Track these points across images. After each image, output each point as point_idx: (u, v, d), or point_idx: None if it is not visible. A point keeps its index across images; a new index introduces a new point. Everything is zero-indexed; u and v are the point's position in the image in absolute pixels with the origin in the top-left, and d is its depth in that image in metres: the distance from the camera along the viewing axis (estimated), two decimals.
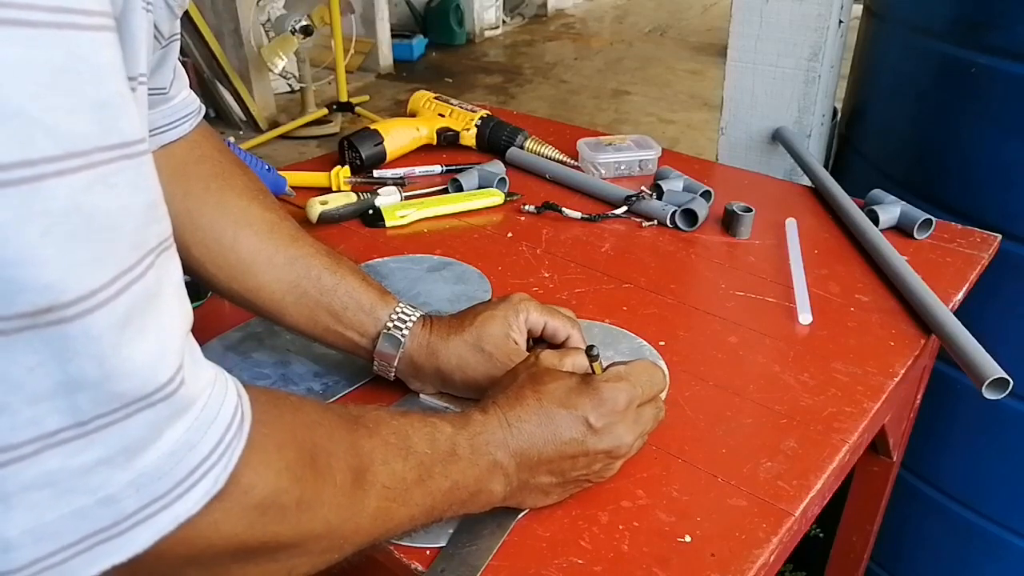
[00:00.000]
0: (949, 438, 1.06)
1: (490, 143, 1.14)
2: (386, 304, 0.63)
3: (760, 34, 1.21)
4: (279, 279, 0.62)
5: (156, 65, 0.57)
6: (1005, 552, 1.06)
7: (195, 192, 0.62)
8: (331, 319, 0.62)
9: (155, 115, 0.59)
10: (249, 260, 0.62)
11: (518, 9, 6.39)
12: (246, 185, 0.64)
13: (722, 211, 0.94)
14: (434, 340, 0.62)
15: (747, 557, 0.50)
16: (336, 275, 0.63)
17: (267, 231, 0.63)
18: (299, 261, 0.63)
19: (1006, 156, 0.90)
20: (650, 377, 0.56)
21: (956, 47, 0.93)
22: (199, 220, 0.61)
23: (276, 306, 0.63)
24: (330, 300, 0.62)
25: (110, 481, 0.31)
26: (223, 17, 3.83)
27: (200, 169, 0.63)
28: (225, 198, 0.63)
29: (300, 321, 0.63)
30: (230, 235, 0.62)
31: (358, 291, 0.63)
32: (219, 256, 0.62)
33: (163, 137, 0.61)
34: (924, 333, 0.74)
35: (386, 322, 0.62)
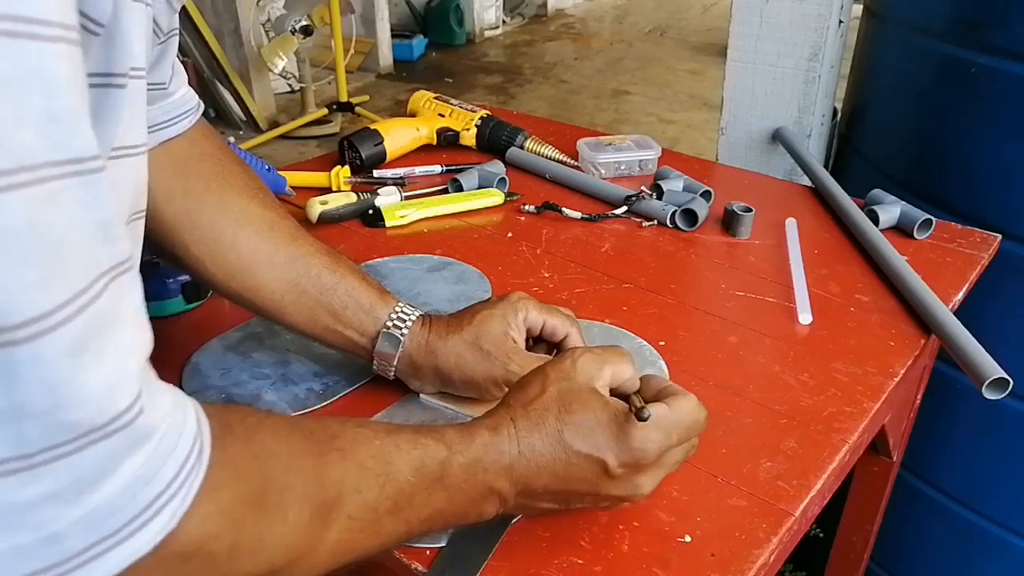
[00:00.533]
0: (949, 438, 1.06)
1: (490, 143, 1.14)
2: (386, 303, 0.63)
3: (760, 34, 1.21)
4: (279, 278, 0.62)
5: (155, 60, 0.56)
6: (1005, 552, 1.06)
7: (195, 190, 0.62)
8: (331, 318, 0.62)
9: (154, 111, 0.59)
10: (249, 259, 0.62)
11: (518, 9, 6.39)
12: (246, 183, 0.64)
13: (722, 211, 0.94)
14: (433, 339, 0.61)
15: (747, 557, 0.50)
16: (336, 274, 0.63)
17: (267, 230, 0.63)
18: (299, 260, 0.62)
19: (1006, 156, 0.90)
20: (692, 422, 0.50)
21: (956, 47, 0.93)
22: (199, 219, 0.61)
23: (276, 305, 0.63)
24: (330, 299, 0.62)
25: (57, 518, 0.29)
26: (223, 17, 3.82)
27: (200, 167, 0.63)
28: (225, 196, 0.63)
29: (300, 320, 0.63)
30: (230, 234, 0.62)
31: (358, 290, 0.63)
32: (219, 255, 0.62)
33: (163, 133, 0.61)
34: (924, 333, 0.74)
35: (385, 321, 0.62)
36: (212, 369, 0.69)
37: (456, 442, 0.47)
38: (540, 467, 0.47)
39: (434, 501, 0.45)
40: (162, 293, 0.75)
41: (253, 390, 0.66)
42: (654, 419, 0.48)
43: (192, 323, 0.76)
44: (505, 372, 0.60)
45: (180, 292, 0.76)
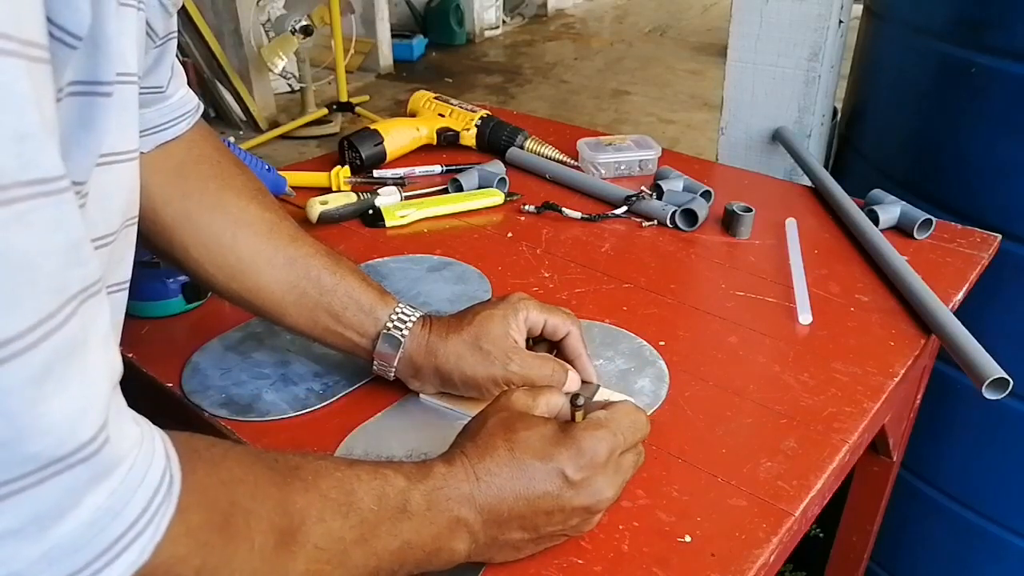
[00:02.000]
0: (949, 438, 1.06)
1: (490, 143, 1.14)
2: (386, 304, 0.63)
3: (760, 34, 1.21)
4: (279, 279, 0.62)
5: (152, 64, 0.56)
6: (1005, 552, 1.06)
7: (193, 193, 0.62)
8: (331, 319, 0.62)
9: (152, 113, 0.59)
10: (248, 260, 0.62)
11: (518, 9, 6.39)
12: (244, 185, 0.64)
13: (722, 211, 0.94)
14: (433, 339, 0.61)
15: (747, 557, 0.50)
16: (336, 275, 0.63)
17: (266, 231, 0.63)
18: (299, 261, 0.62)
19: (1006, 156, 0.90)
20: (632, 423, 0.51)
21: (956, 47, 0.93)
22: (197, 220, 0.61)
23: (276, 306, 0.63)
24: (330, 300, 0.62)
25: (17, 556, 0.27)
26: (223, 17, 3.83)
27: (198, 169, 0.63)
28: (224, 198, 0.62)
29: (300, 321, 0.63)
30: (229, 235, 0.62)
31: (358, 291, 0.63)
32: (218, 256, 0.62)
33: (159, 136, 0.60)
34: (924, 333, 0.74)
35: (385, 322, 0.62)
36: (212, 369, 0.69)
37: (414, 474, 0.47)
38: (501, 489, 0.47)
39: (401, 532, 0.45)
40: (162, 293, 0.75)
41: (253, 390, 0.66)
42: (594, 419, 0.50)
43: (192, 323, 0.76)
44: (505, 372, 0.60)
45: (180, 292, 0.76)
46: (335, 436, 0.61)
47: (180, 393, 0.66)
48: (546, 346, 0.67)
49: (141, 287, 0.75)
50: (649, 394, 0.65)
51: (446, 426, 0.61)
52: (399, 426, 0.62)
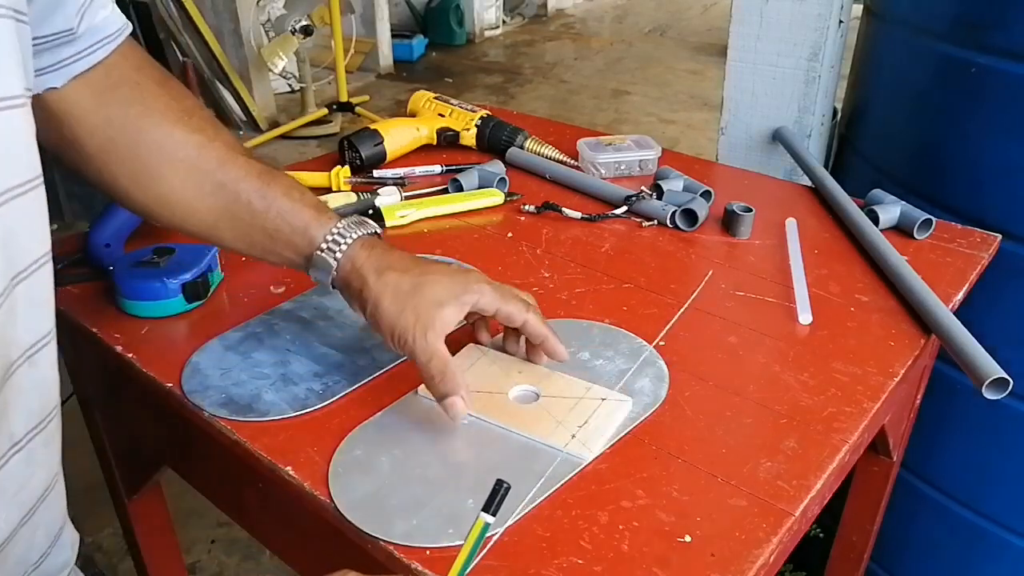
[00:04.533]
0: (949, 438, 1.06)
1: (490, 143, 1.14)
2: (321, 224, 0.62)
3: (760, 34, 1.21)
4: (209, 206, 0.62)
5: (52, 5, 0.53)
6: (1005, 552, 1.06)
7: (115, 120, 0.59)
8: (267, 239, 0.62)
9: (63, 50, 0.56)
10: (178, 189, 0.61)
11: (518, 9, 6.39)
12: (168, 107, 0.61)
13: (722, 211, 0.94)
14: (368, 267, 0.60)
15: (747, 557, 0.50)
16: (266, 199, 0.62)
17: (194, 157, 0.61)
18: (227, 186, 0.61)
19: (1006, 156, 0.90)
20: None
21: (956, 47, 0.93)
22: (122, 151, 0.60)
23: (210, 230, 0.63)
24: (263, 223, 0.62)
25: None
26: (223, 17, 3.83)
27: (117, 94, 0.60)
28: (146, 125, 0.60)
29: (237, 244, 0.64)
30: (154, 164, 0.60)
31: (290, 213, 0.62)
32: (147, 186, 0.61)
33: (72, 68, 0.57)
34: (924, 333, 0.74)
35: (319, 243, 0.61)
36: (212, 369, 0.69)
37: None
38: None
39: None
40: (162, 293, 0.75)
41: (253, 390, 0.66)
42: None
43: (192, 323, 0.76)
44: (409, 339, 0.58)
45: (180, 292, 0.76)
46: (335, 436, 0.61)
47: (180, 393, 0.66)
48: (515, 334, 0.65)
49: (140, 287, 0.75)
50: (649, 394, 0.65)
51: (446, 427, 0.61)
52: (399, 426, 0.62)
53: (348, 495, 0.55)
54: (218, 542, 1.68)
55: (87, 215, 2.85)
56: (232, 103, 3.88)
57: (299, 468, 0.58)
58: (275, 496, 0.70)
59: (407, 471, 0.57)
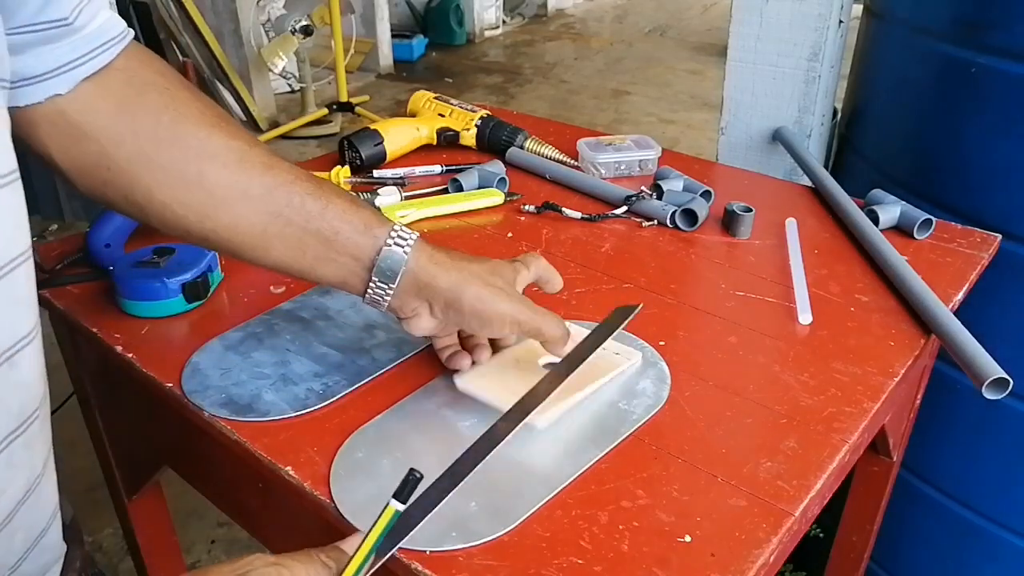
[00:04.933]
0: (949, 438, 1.06)
1: (490, 143, 1.14)
2: (382, 224, 0.59)
3: (760, 34, 1.21)
4: (257, 211, 0.57)
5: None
6: (1004, 552, 1.06)
7: (145, 129, 0.56)
8: (322, 246, 0.58)
9: (61, 49, 0.53)
10: (220, 195, 0.57)
11: (518, 9, 6.39)
12: (202, 112, 0.58)
13: (722, 211, 0.94)
14: (439, 257, 0.60)
15: (747, 557, 0.50)
16: (321, 200, 0.58)
17: (236, 161, 0.57)
18: (278, 189, 0.57)
19: (1006, 156, 0.90)
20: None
21: (956, 47, 0.93)
22: (156, 159, 0.56)
23: (257, 240, 0.58)
24: (319, 226, 0.57)
25: None
26: (223, 17, 3.83)
27: (145, 101, 0.57)
28: (181, 131, 0.57)
29: (287, 254, 0.59)
30: (194, 171, 0.56)
31: (349, 212, 0.58)
32: (185, 195, 0.57)
33: (77, 72, 0.54)
34: (924, 333, 0.74)
35: (385, 239, 0.58)
36: (212, 369, 0.69)
37: None
38: None
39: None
40: (162, 293, 0.75)
41: (253, 390, 0.66)
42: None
43: (192, 323, 0.76)
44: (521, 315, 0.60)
45: (180, 292, 0.76)
46: (335, 436, 0.61)
47: (180, 393, 0.66)
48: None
49: (141, 287, 0.75)
50: (651, 395, 0.65)
51: (447, 428, 0.61)
52: (400, 428, 0.62)
53: (350, 497, 0.55)
54: (218, 542, 1.68)
55: (87, 215, 2.86)
56: (232, 103, 3.88)
57: (299, 468, 0.58)
58: (275, 496, 0.71)
59: None
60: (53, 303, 0.79)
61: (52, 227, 2.86)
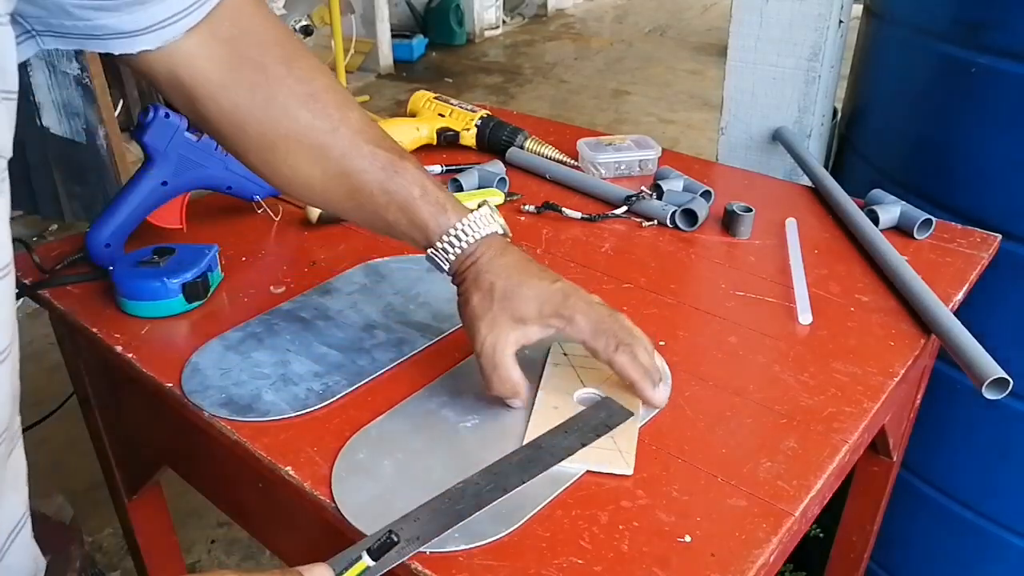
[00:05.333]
0: (949, 438, 1.06)
1: (490, 143, 1.14)
2: (439, 224, 0.63)
3: (760, 34, 1.21)
4: (333, 189, 0.64)
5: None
6: (1005, 552, 1.06)
7: (242, 106, 0.60)
8: (387, 228, 0.65)
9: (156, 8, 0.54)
10: (304, 173, 0.63)
11: (518, 9, 6.39)
12: (291, 92, 0.61)
13: (722, 211, 0.94)
14: (477, 267, 0.62)
15: (747, 557, 0.50)
16: (388, 193, 0.63)
17: (318, 146, 0.62)
18: (351, 178, 0.63)
19: (1006, 156, 0.90)
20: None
21: (956, 47, 0.93)
22: (250, 134, 0.61)
23: (337, 209, 0.67)
24: (384, 214, 0.64)
25: None
26: None
27: (241, 79, 0.60)
28: (271, 113, 0.61)
29: (362, 223, 0.67)
30: (281, 148, 0.62)
31: (410, 209, 0.63)
32: (272, 165, 0.63)
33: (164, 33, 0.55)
34: (924, 333, 0.74)
35: (435, 242, 0.63)
36: (212, 369, 0.69)
37: None
38: None
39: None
40: (162, 293, 0.75)
41: (253, 390, 0.66)
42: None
43: (192, 323, 0.76)
44: (481, 346, 0.60)
45: (180, 292, 0.76)
46: (335, 436, 0.61)
47: (180, 393, 0.66)
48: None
49: (141, 287, 0.75)
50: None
51: (448, 428, 0.61)
52: (401, 429, 0.62)
53: (351, 499, 0.55)
54: (218, 542, 1.68)
55: (87, 215, 2.85)
56: None
57: (299, 468, 0.58)
58: (275, 496, 0.70)
59: (410, 475, 0.57)
60: (53, 303, 0.79)
61: (52, 227, 2.86)
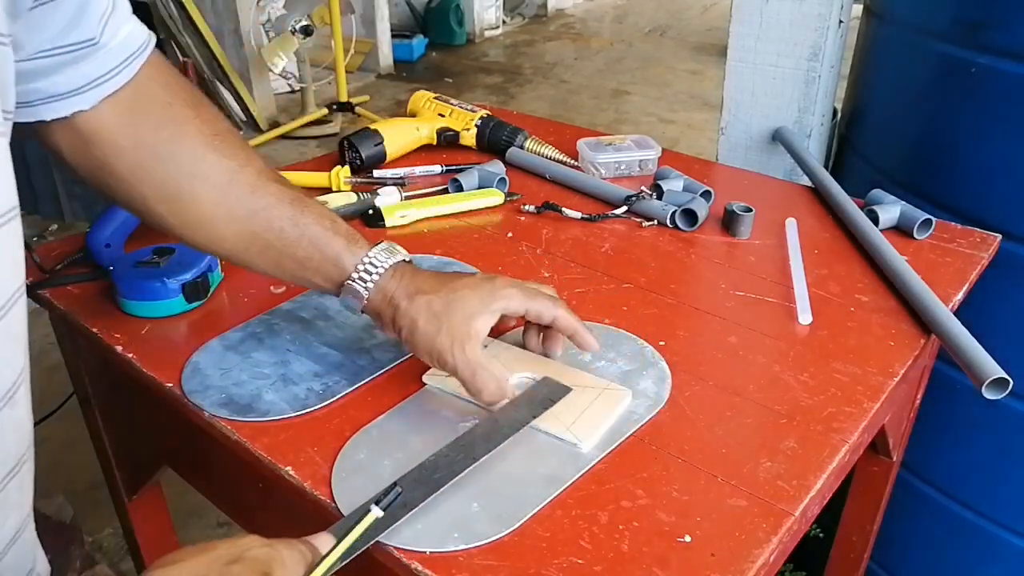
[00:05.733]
0: (949, 438, 1.06)
1: (490, 143, 1.14)
2: (353, 253, 0.62)
3: (760, 34, 1.21)
4: (240, 231, 0.62)
5: (74, 16, 0.52)
6: (1005, 552, 1.06)
7: (146, 144, 0.59)
8: (296, 267, 0.63)
9: (88, 67, 0.55)
10: (210, 215, 0.61)
11: (518, 9, 6.39)
12: (199, 131, 0.61)
13: (722, 211, 0.94)
14: (399, 294, 0.61)
15: (747, 557, 0.50)
16: (299, 227, 0.62)
17: (225, 183, 0.61)
18: (260, 214, 0.61)
19: (1006, 156, 0.90)
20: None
21: (956, 47, 0.93)
22: (154, 174, 0.59)
23: (241, 255, 0.63)
24: (294, 251, 0.62)
25: None
26: (223, 17, 3.82)
27: (149, 117, 0.59)
28: (178, 148, 0.60)
29: (267, 269, 0.64)
30: (187, 188, 0.60)
31: (323, 241, 0.62)
32: (179, 209, 0.61)
33: (102, 89, 0.56)
34: (924, 333, 0.74)
35: (351, 273, 0.62)
36: (212, 369, 0.69)
37: None
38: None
39: None
40: (162, 293, 0.75)
41: (253, 390, 0.66)
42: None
43: (192, 323, 0.76)
44: (448, 356, 0.59)
45: (180, 292, 0.76)
46: (335, 436, 0.61)
47: (180, 393, 0.66)
48: (536, 328, 0.67)
49: (141, 287, 0.75)
50: (652, 396, 0.65)
51: (449, 429, 0.61)
52: (401, 430, 0.62)
53: (351, 499, 0.55)
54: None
55: (87, 215, 2.85)
56: (232, 103, 3.87)
57: (299, 468, 0.58)
58: (275, 496, 0.70)
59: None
60: (53, 303, 0.79)
61: (52, 227, 2.86)
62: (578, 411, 0.62)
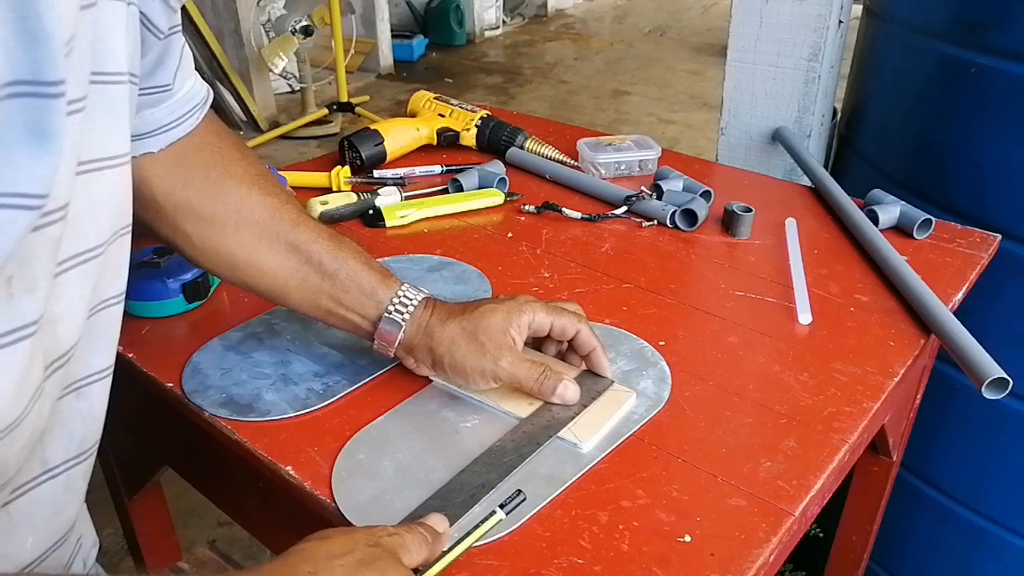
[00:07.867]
0: (949, 438, 1.06)
1: (490, 143, 1.14)
2: (388, 287, 0.64)
3: (760, 34, 1.21)
4: (281, 265, 0.64)
5: (157, 61, 0.56)
6: (1005, 552, 1.06)
7: (195, 181, 0.62)
8: (333, 303, 0.64)
9: (160, 112, 0.59)
10: (251, 248, 0.63)
11: (518, 9, 6.39)
12: (246, 171, 0.65)
13: (722, 211, 0.94)
14: (433, 322, 0.62)
15: (747, 557, 0.50)
16: (337, 260, 0.64)
17: (268, 219, 0.64)
18: (300, 247, 0.64)
19: (1006, 156, 0.90)
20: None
21: (956, 47, 0.93)
22: (200, 211, 0.62)
23: (279, 291, 0.65)
24: (331, 285, 0.64)
25: None
26: (223, 17, 3.82)
27: (199, 157, 0.63)
28: (224, 187, 0.63)
29: (303, 305, 0.65)
30: (231, 225, 0.63)
31: (359, 275, 0.64)
32: (221, 245, 0.63)
33: (170, 135, 0.61)
34: (924, 333, 0.74)
35: (387, 305, 0.63)
36: (212, 369, 0.69)
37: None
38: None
39: None
40: (162, 293, 0.75)
41: (253, 390, 0.66)
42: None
43: (192, 323, 0.76)
44: (495, 367, 0.60)
45: (180, 292, 0.76)
46: (335, 436, 0.61)
47: (180, 393, 0.66)
48: (555, 345, 0.67)
49: (141, 287, 0.75)
50: (652, 396, 0.65)
51: (449, 430, 0.62)
52: (401, 430, 0.62)
53: (352, 499, 0.55)
54: (218, 542, 1.68)
55: None
56: (232, 103, 3.88)
57: (299, 468, 0.58)
58: (275, 496, 0.70)
59: (410, 475, 0.57)
60: None
61: None
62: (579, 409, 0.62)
